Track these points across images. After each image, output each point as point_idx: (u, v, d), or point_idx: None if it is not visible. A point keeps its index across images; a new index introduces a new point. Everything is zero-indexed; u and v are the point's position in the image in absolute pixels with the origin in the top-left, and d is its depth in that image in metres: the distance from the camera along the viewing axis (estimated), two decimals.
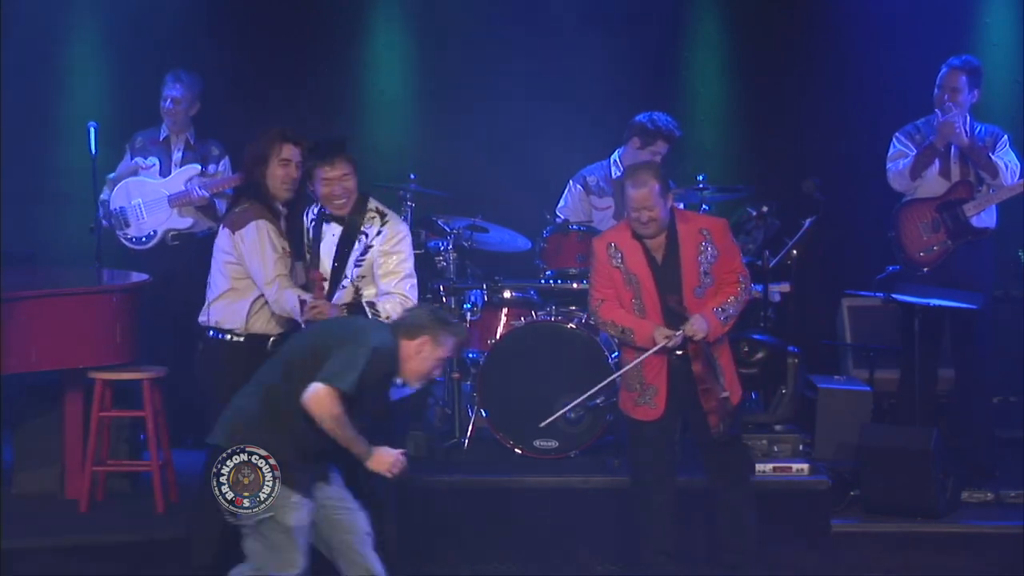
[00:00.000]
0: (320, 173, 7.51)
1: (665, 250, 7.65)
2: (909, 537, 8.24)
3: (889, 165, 9.11)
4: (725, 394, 7.55)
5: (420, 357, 6.81)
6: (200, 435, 7.70)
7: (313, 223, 7.70)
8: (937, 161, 9.03)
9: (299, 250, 7.67)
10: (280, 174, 7.50)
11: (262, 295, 7.48)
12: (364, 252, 7.60)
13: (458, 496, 8.32)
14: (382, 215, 7.66)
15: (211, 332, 7.58)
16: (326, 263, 7.63)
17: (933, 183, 9.07)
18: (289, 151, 7.50)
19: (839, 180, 9.76)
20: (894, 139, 9.15)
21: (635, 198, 7.58)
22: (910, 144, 9.09)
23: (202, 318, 7.62)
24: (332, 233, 7.65)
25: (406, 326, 6.84)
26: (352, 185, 7.56)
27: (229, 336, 7.54)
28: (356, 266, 7.60)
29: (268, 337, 7.53)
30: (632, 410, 7.77)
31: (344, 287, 7.60)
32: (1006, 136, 9.05)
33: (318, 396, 6.64)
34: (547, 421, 8.00)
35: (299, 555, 6.78)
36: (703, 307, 7.57)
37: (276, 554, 6.78)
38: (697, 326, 7.49)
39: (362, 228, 7.61)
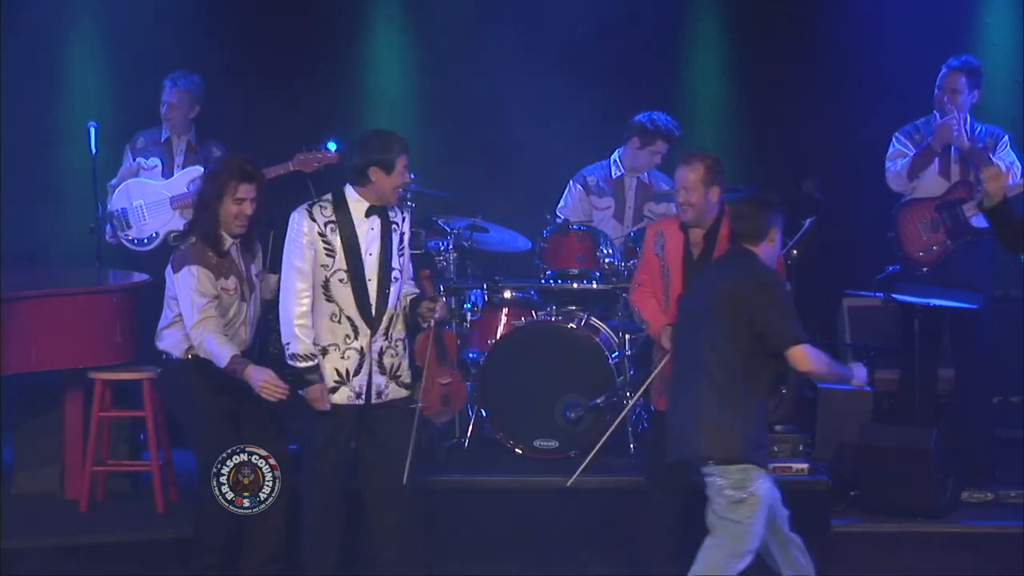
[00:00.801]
0: (403, 161, 7.43)
1: (702, 246, 7.63)
2: (909, 537, 8.24)
3: (888, 164, 9.12)
4: None
5: (776, 242, 7.07)
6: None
7: (333, 223, 7.44)
8: (937, 161, 9.03)
9: (269, 262, 7.74)
10: (234, 211, 7.54)
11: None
12: (402, 241, 7.54)
13: (458, 496, 8.32)
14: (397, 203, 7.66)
15: (163, 356, 7.72)
16: (370, 260, 7.45)
17: (933, 183, 9.07)
18: (244, 190, 7.54)
19: (839, 180, 9.76)
20: (894, 139, 9.15)
21: (678, 176, 7.62)
22: (909, 144, 9.09)
23: (156, 343, 7.74)
24: (372, 227, 7.45)
25: (757, 232, 7.00)
26: None
27: (179, 356, 7.65)
28: (400, 256, 7.53)
29: None
30: (655, 400, 7.80)
31: (396, 280, 7.49)
32: (1007, 137, 9.05)
33: (804, 356, 6.79)
34: (574, 478, 8.04)
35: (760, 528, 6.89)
36: None
37: (743, 532, 6.84)
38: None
39: (392, 219, 7.52)
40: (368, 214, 7.44)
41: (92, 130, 9.22)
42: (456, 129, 10.36)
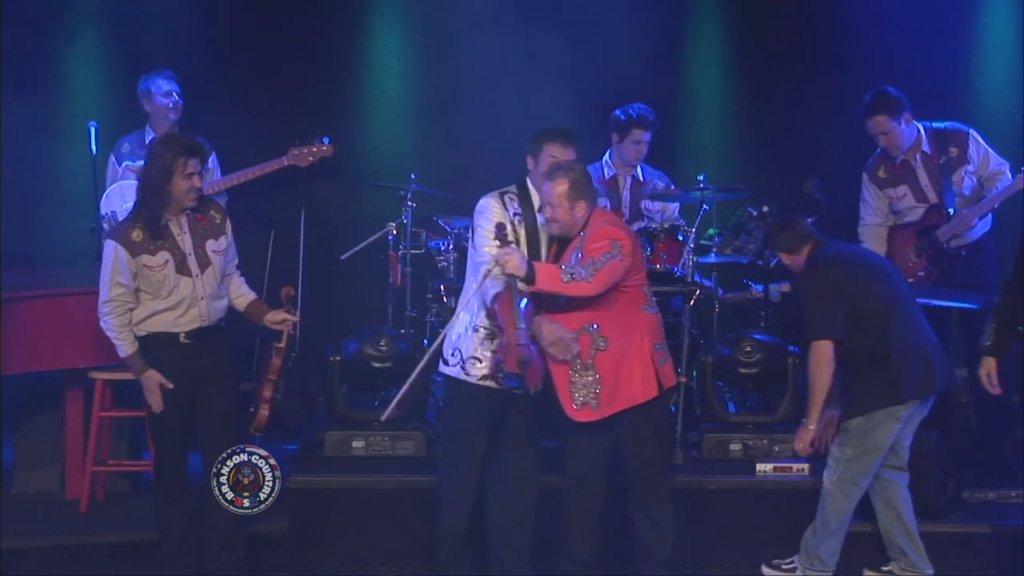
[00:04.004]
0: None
1: (556, 250, 7.60)
2: None
3: (861, 212, 9.22)
4: (523, 343, 7.27)
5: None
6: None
7: (519, 216, 7.50)
8: (909, 191, 9.02)
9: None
10: (185, 187, 7.62)
11: (160, 302, 7.64)
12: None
13: None
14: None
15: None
16: (544, 255, 7.52)
17: (911, 212, 9.09)
18: (193, 164, 7.62)
19: (839, 180, 9.76)
20: (863, 183, 9.17)
21: (543, 192, 7.46)
22: (877, 192, 9.10)
23: None
24: (543, 222, 7.54)
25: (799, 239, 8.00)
26: None
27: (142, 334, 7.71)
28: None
29: (176, 335, 7.65)
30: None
31: None
32: (971, 131, 8.99)
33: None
34: (387, 412, 7.83)
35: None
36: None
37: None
38: (507, 254, 7.23)
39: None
40: (541, 209, 7.50)
41: (92, 130, 9.23)
42: (456, 129, 10.35)
